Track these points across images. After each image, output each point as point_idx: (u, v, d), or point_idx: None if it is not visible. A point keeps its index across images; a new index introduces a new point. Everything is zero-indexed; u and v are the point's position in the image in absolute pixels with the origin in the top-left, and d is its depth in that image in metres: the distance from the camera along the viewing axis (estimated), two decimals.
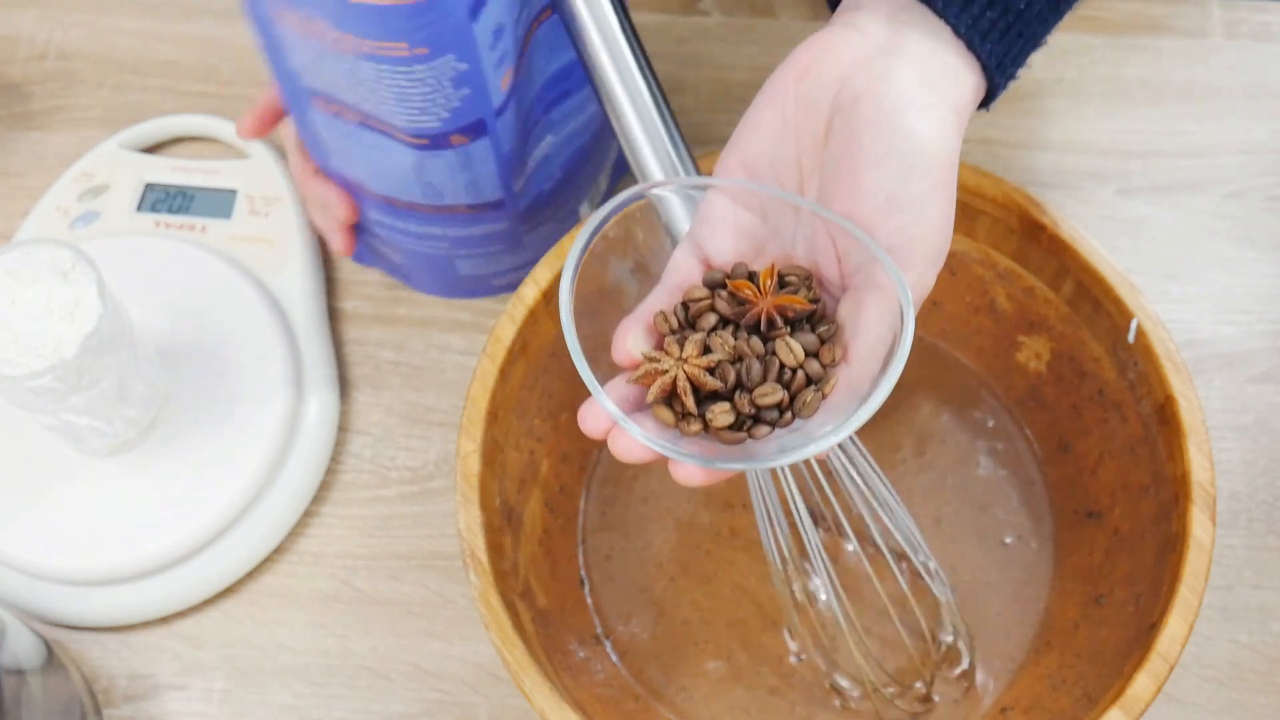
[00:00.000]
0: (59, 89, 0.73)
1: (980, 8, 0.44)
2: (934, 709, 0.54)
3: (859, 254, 0.43)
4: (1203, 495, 0.49)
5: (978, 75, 0.45)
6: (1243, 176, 0.69)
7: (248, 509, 0.59)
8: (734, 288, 0.43)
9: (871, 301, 0.42)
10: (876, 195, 0.42)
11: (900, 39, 0.44)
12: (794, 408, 0.42)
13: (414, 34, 0.48)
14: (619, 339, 0.43)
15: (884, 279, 0.42)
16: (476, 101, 0.52)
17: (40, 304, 0.52)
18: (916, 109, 0.42)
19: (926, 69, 0.43)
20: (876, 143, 0.42)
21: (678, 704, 0.55)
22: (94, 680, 0.57)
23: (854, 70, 0.43)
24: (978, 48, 0.44)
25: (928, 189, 0.43)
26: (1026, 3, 0.44)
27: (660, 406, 0.42)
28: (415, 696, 0.57)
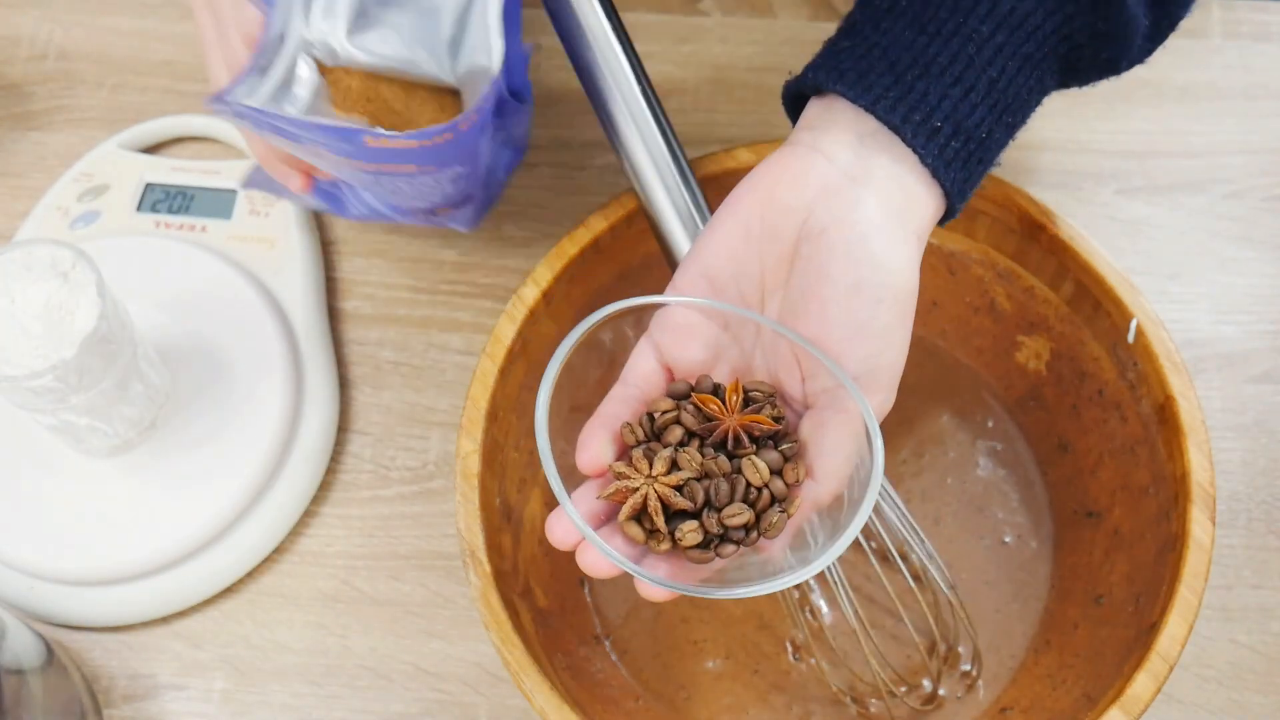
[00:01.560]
0: (59, 89, 0.73)
1: (945, 138, 0.44)
2: (941, 705, 0.54)
3: (825, 378, 0.44)
4: (1202, 495, 0.49)
5: (939, 200, 0.46)
6: (1243, 176, 0.69)
7: (248, 509, 0.59)
8: (699, 402, 0.44)
9: (837, 424, 0.43)
10: (845, 326, 0.43)
11: (866, 166, 0.44)
12: (760, 528, 0.42)
13: (427, 160, 0.50)
14: (584, 444, 0.43)
15: (850, 404, 0.43)
16: (469, 184, 0.54)
17: (40, 304, 0.52)
18: (884, 239, 0.43)
19: (892, 197, 0.44)
20: (845, 274, 0.43)
21: (677, 703, 0.55)
22: (94, 680, 0.57)
23: (821, 197, 0.44)
24: (942, 176, 0.45)
25: (895, 320, 0.44)
26: (987, 131, 0.45)
27: (630, 523, 0.42)
28: (415, 696, 0.57)
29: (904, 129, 0.44)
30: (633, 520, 0.42)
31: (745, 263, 0.45)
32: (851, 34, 0.46)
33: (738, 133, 0.70)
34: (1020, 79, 0.46)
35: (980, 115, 0.45)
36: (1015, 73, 0.45)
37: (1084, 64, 0.47)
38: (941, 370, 0.62)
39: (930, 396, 0.61)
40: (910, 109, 0.44)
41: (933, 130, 0.44)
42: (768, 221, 0.45)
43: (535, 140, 0.70)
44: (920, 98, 0.44)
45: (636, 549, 0.43)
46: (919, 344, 0.62)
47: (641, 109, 0.52)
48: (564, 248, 0.55)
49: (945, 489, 0.59)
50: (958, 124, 0.44)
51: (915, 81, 0.44)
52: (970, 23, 0.44)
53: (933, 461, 0.60)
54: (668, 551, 0.42)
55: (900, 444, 0.60)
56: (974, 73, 0.45)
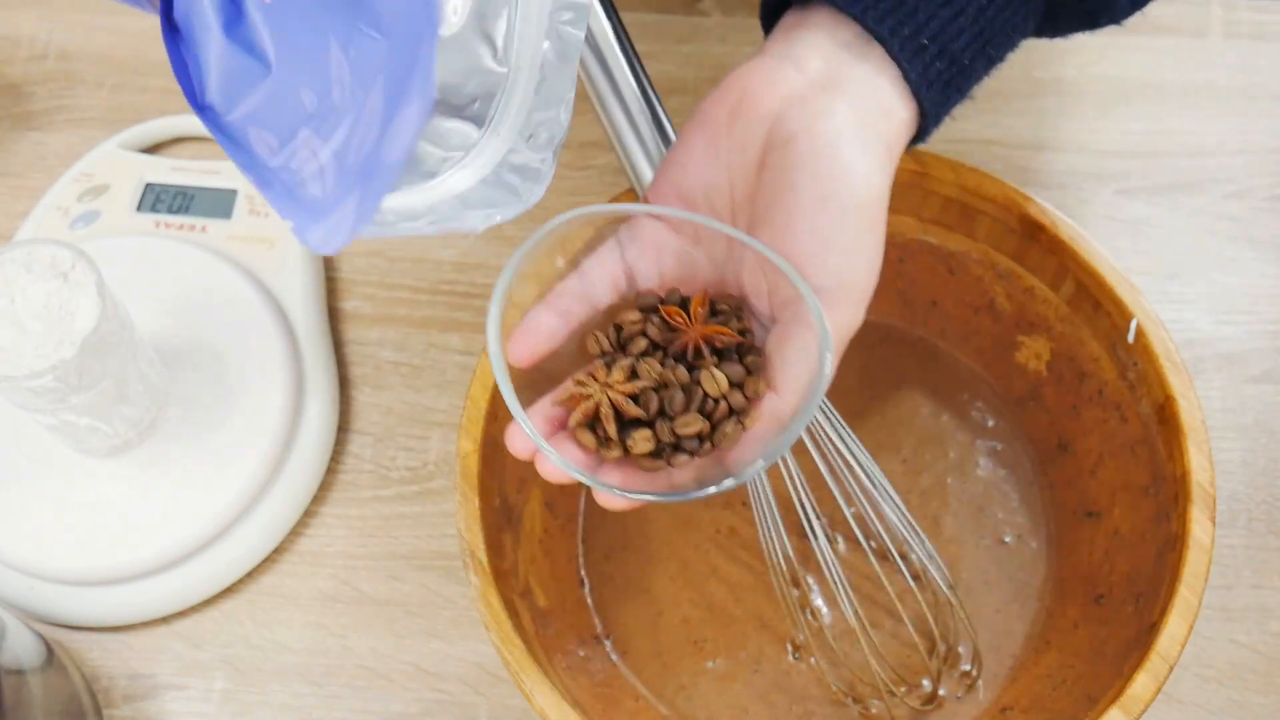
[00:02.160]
0: (59, 89, 0.73)
1: (931, 57, 0.44)
2: (941, 704, 0.54)
3: (789, 290, 0.43)
4: (1202, 495, 0.49)
5: (913, 118, 0.45)
6: (1243, 176, 0.69)
7: (248, 509, 0.59)
8: (666, 313, 0.44)
9: (799, 337, 0.43)
10: (811, 237, 0.43)
11: (840, 74, 0.44)
12: (714, 439, 0.42)
13: None
14: (526, 327, 0.43)
15: (812, 317, 0.42)
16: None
17: (40, 304, 0.52)
18: (852, 150, 0.43)
19: (865, 106, 0.43)
20: (812, 185, 0.42)
21: (677, 703, 0.55)
22: (94, 680, 0.57)
23: (790, 106, 0.43)
24: (923, 95, 0.44)
25: (862, 232, 0.43)
26: (970, 59, 0.45)
27: (582, 430, 0.42)
28: (415, 696, 0.57)
29: (892, 41, 0.43)
30: (585, 427, 0.42)
31: (714, 175, 0.45)
32: None
33: None
34: (1008, 11, 0.45)
35: (966, 41, 0.44)
36: (1004, 5, 0.45)
37: (1066, 11, 0.47)
38: (941, 370, 0.62)
39: (930, 396, 0.61)
40: (899, 22, 0.43)
41: (920, 47, 0.43)
42: (736, 132, 0.44)
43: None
44: (910, 12, 0.43)
45: (592, 457, 0.42)
46: (919, 344, 0.62)
47: (641, 109, 0.52)
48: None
49: (945, 489, 0.59)
50: (943, 45, 0.44)
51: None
52: None
53: (933, 461, 0.60)
54: (620, 460, 0.42)
55: (901, 443, 0.60)
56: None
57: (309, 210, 0.38)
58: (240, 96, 0.40)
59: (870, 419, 0.61)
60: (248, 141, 0.40)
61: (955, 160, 0.56)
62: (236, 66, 0.39)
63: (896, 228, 0.59)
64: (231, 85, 0.40)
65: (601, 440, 0.42)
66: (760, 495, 0.54)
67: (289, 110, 0.39)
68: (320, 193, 0.38)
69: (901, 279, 0.61)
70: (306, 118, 0.38)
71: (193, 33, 0.40)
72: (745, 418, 0.42)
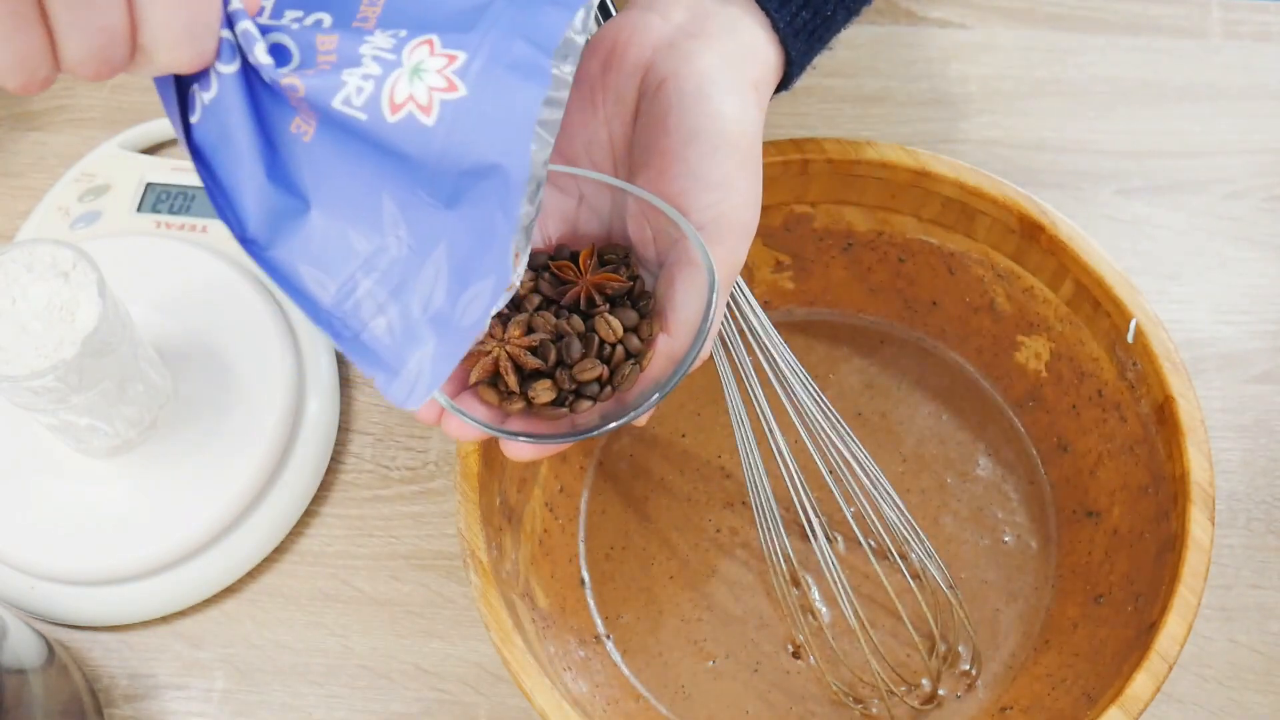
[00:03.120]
0: (59, 89, 0.73)
1: (797, 7, 0.45)
2: (941, 704, 0.54)
3: (673, 231, 0.44)
4: (1202, 495, 0.49)
5: (778, 63, 0.46)
6: (1243, 176, 0.69)
7: (248, 508, 0.59)
8: (555, 268, 0.45)
9: (685, 276, 0.43)
10: (684, 176, 0.43)
11: (704, 21, 0.45)
12: (613, 382, 0.43)
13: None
14: None
15: (696, 255, 0.43)
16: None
17: (40, 304, 0.52)
18: (720, 90, 0.44)
19: (728, 50, 0.45)
20: (682, 124, 0.43)
21: (677, 703, 0.55)
22: (94, 680, 0.57)
23: (657, 54, 0.45)
24: (790, 44, 0.45)
25: (734, 167, 0.44)
26: (832, 9, 0.46)
27: (485, 387, 0.43)
28: (415, 696, 0.57)
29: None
30: (487, 384, 0.43)
31: (592, 128, 0.46)
32: None
33: None
34: None
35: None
36: None
37: None
38: (941, 370, 0.62)
39: (931, 396, 0.61)
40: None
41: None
42: (609, 85, 0.45)
43: None
44: None
45: (497, 412, 0.43)
46: (919, 344, 0.62)
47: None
48: None
49: (945, 489, 0.59)
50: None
51: None
52: None
53: (933, 461, 0.60)
54: (524, 411, 0.43)
55: (900, 444, 0.60)
56: None
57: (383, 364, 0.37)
58: (282, 233, 0.38)
59: (870, 419, 0.61)
60: (300, 280, 0.38)
61: (955, 160, 0.56)
62: (275, 204, 0.38)
63: (897, 227, 0.59)
64: (272, 220, 0.38)
65: (504, 394, 0.43)
66: (760, 495, 0.54)
67: (338, 252, 0.38)
68: (389, 342, 0.37)
69: (901, 279, 0.61)
70: (361, 262, 0.37)
71: (222, 163, 0.38)
72: (642, 359, 0.44)
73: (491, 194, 0.35)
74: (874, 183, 0.57)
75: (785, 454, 0.52)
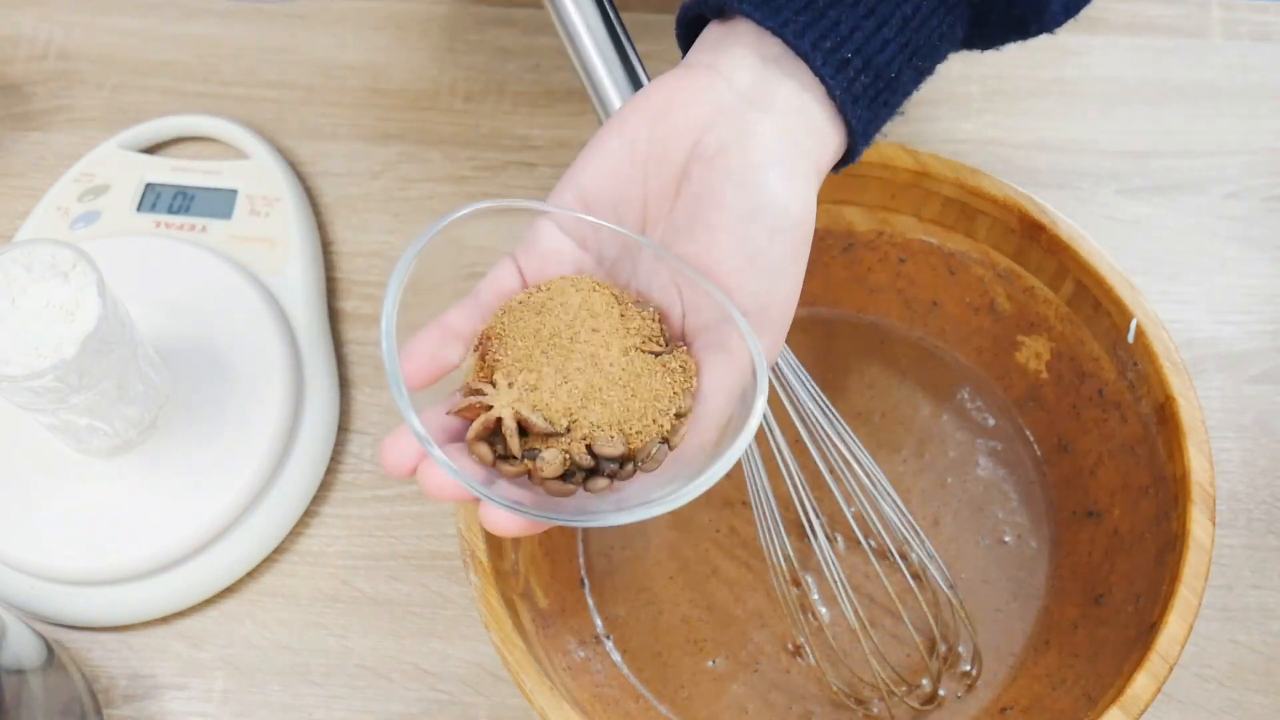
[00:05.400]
0: (59, 89, 0.73)
1: (855, 71, 0.42)
2: (941, 704, 0.54)
3: (709, 312, 0.41)
4: (1202, 495, 0.49)
5: (841, 137, 0.43)
6: (1243, 176, 0.69)
7: (248, 508, 0.59)
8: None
9: (718, 364, 0.40)
10: (737, 256, 0.40)
11: (768, 91, 0.42)
12: (637, 460, 0.38)
13: None
14: (414, 351, 0.38)
15: (735, 343, 0.40)
16: None
17: (40, 304, 0.52)
18: (781, 169, 0.41)
19: (791, 126, 0.42)
20: (739, 201, 0.40)
21: (677, 703, 0.55)
22: (94, 680, 0.57)
23: (717, 118, 0.41)
24: (849, 111, 0.42)
25: (788, 255, 0.41)
26: (896, 71, 0.43)
27: (478, 443, 0.37)
28: (415, 696, 0.57)
29: (813, 55, 0.41)
30: (483, 440, 0.37)
31: (628, 185, 0.42)
32: None
33: None
34: (934, 21, 0.44)
35: (892, 53, 0.43)
36: (929, 14, 0.43)
37: (995, 18, 0.46)
38: (941, 370, 0.62)
39: (931, 396, 0.61)
40: (821, 35, 0.42)
41: (843, 61, 0.42)
42: (656, 141, 0.41)
43: (535, 140, 0.70)
44: (832, 25, 0.42)
45: (488, 472, 0.38)
46: (919, 344, 0.62)
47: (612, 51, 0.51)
48: None
49: (945, 489, 0.59)
50: (868, 58, 0.42)
51: (827, 9, 0.42)
52: None
53: (933, 461, 0.60)
54: (520, 476, 0.37)
55: (901, 443, 0.60)
56: (888, 7, 0.42)
57: None
58: None
59: (870, 419, 0.61)
60: None
61: (955, 160, 0.56)
62: None
63: (897, 227, 0.59)
64: None
65: (501, 456, 0.37)
66: (760, 495, 0.54)
67: None
68: None
69: (901, 279, 0.61)
70: None
71: None
72: (673, 438, 0.38)
73: None
74: (874, 182, 0.57)
75: (785, 453, 0.52)
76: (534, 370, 0.38)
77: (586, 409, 0.38)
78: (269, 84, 0.72)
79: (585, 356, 0.38)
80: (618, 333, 0.39)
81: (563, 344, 0.39)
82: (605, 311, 0.40)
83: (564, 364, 0.38)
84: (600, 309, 0.40)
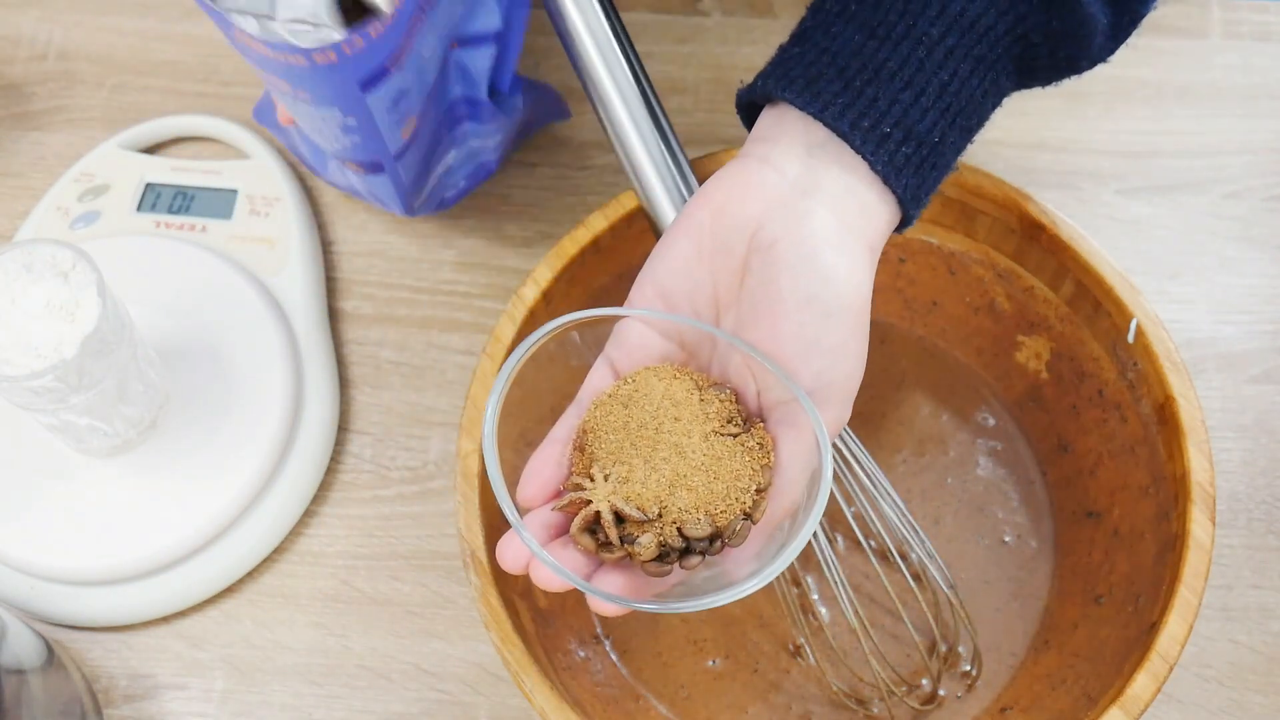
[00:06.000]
0: (59, 89, 0.73)
1: (895, 144, 0.44)
2: (941, 704, 0.54)
3: (779, 390, 0.43)
4: (1202, 495, 0.49)
5: (892, 208, 0.45)
6: (1243, 176, 0.69)
7: (248, 508, 0.59)
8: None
9: (790, 440, 0.43)
10: (796, 341, 0.43)
11: (816, 177, 0.44)
12: (724, 536, 0.42)
13: (303, 85, 0.50)
14: (534, 472, 0.43)
15: (802, 418, 0.43)
16: (369, 148, 0.54)
17: (40, 304, 0.52)
18: (833, 252, 0.43)
19: (843, 208, 0.44)
20: (796, 289, 0.43)
21: (677, 703, 0.55)
22: (94, 680, 0.57)
23: (771, 211, 0.44)
24: (893, 183, 0.44)
25: (846, 334, 0.43)
26: (940, 135, 0.45)
27: (582, 534, 0.41)
28: (415, 696, 0.57)
29: (852, 135, 0.43)
30: (585, 532, 0.42)
31: (698, 278, 0.45)
32: (802, 40, 0.46)
33: (737, 133, 0.70)
34: (974, 81, 0.45)
35: (932, 120, 0.44)
36: (968, 75, 0.45)
37: (1041, 64, 0.47)
38: (941, 370, 0.62)
39: (930, 396, 0.61)
40: (859, 115, 0.43)
41: (882, 136, 0.44)
42: (719, 236, 0.45)
43: (535, 140, 0.70)
44: (869, 103, 0.44)
45: (591, 560, 0.42)
46: (919, 344, 0.62)
47: (641, 109, 0.52)
48: (564, 247, 0.55)
49: (945, 489, 0.59)
50: (908, 129, 0.44)
51: (864, 87, 0.44)
52: (920, 26, 0.44)
53: (933, 461, 0.60)
54: (622, 561, 0.42)
55: (900, 444, 0.60)
56: (924, 76, 0.44)
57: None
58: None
59: (870, 419, 0.61)
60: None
61: None
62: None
63: None
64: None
65: (602, 544, 0.42)
66: None
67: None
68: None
69: (901, 279, 0.61)
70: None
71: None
72: (755, 513, 0.42)
73: None
74: None
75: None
76: (625, 463, 0.42)
77: (675, 495, 0.41)
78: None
79: (670, 446, 0.42)
80: (698, 419, 0.43)
81: (649, 435, 0.42)
82: (686, 399, 0.43)
83: (651, 454, 0.42)
84: (681, 396, 0.43)
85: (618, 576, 0.42)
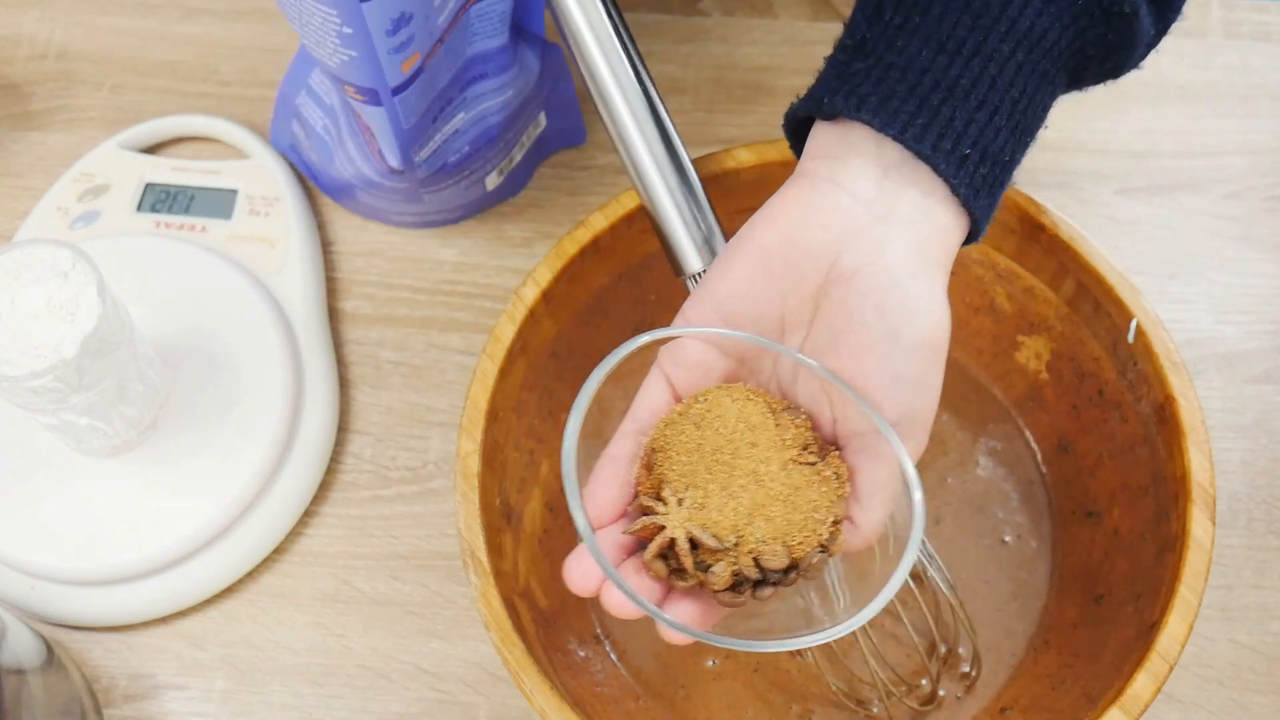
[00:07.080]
0: (59, 89, 0.73)
1: (974, 165, 0.43)
2: (940, 705, 0.54)
3: (858, 421, 0.43)
4: (1202, 495, 0.49)
5: (964, 227, 0.45)
6: (1243, 176, 0.69)
7: (248, 509, 0.59)
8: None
9: (871, 472, 0.43)
10: (882, 373, 0.42)
11: (892, 201, 0.43)
12: (800, 568, 0.41)
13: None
14: (596, 491, 0.42)
15: (884, 449, 0.42)
16: (365, 71, 0.52)
17: (40, 304, 0.52)
18: (915, 283, 0.42)
19: (920, 233, 0.43)
20: (880, 321, 0.42)
21: (677, 703, 0.55)
22: (94, 680, 0.57)
23: (846, 237, 0.43)
24: (972, 205, 0.43)
25: (929, 366, 0.43)
26: (1010, 154, 0.44)
27: (655, 560, 0.41)
28: (415, 696, 0.57)
29: (935, 158, 0.42)
30: (658, 558, 0.41)
31: (765, 303, 0.44)
32: (865, 54, 0.44)
33: (738, 133, 0.70)
34: (1039, 97, 0.44)
35: (1004, 138, 0.44)
36: (1034, 91, 0.44)
37: (1090, 73, 0.47)
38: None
39: None
40: (939, 136, 0.42)
41: (962, 158, 0.43)
42: (791, 262, 0.43)
43: None
44: (947, 123, 0.42)
45: (661, 585, 0.41)
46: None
47: (643, 108, 0.52)
48: (564, 247, 0.55)
49: (945, 489, 0.59)
50: (984, 149, 0.43)
51: (940, 106, 0.42)
52: (990, 41, 0.43)
53: (933, 461, 0.60)
54: (694, 588, 0.41)
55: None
56: (997, 94, 0.43)
57: None
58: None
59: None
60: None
61: None
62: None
63: None
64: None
65: (675, 570, 0.41)
66: None
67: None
68: None
69: None
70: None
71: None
72: (831, 546, 0.41)
73: None
74: None
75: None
76: (700, 488, 0.41)
77: (752, 525, 0.40)
78: (269, 84, 0.72)
79: (747, 473, 0.41)
80: (775, 445, 0.42)
81: (725, 459, 0.41)
82: (761, 423, 0.42)
83: (728, 481, 0.41)
84: (756, 420, 0.42)
85: (689, 605, 0.41)
